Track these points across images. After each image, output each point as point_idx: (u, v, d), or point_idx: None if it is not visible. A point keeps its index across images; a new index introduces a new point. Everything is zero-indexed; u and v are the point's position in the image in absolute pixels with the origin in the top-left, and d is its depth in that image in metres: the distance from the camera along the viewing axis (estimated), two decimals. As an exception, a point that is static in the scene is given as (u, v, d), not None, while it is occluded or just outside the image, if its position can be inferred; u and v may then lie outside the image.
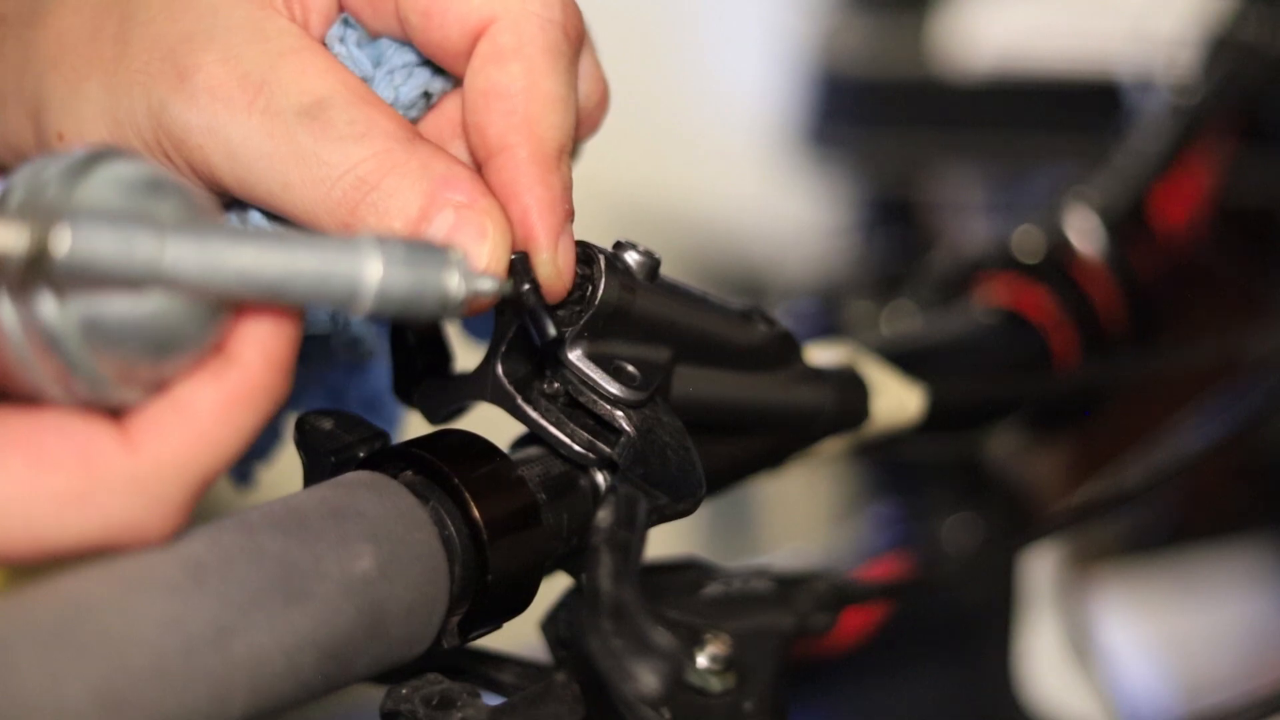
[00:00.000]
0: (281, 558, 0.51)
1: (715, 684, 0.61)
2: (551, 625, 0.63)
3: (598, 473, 0.60)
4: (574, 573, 0.62)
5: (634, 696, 0.50)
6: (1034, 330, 0.91)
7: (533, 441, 0.61)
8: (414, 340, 0.63)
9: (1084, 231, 0.96)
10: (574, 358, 0.59)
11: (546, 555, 0.59)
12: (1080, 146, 1.27)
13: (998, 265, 0.94)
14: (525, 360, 0.60)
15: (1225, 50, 1.05)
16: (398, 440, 0.60)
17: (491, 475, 0.57)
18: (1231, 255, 1.22)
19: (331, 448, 0.58)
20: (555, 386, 0.60)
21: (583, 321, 0.59)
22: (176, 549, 0.50)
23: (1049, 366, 0.91)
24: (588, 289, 0.59)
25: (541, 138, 0.57)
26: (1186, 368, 1.12)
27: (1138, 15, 1.28)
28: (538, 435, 0.60)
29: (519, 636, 0.64)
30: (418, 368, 0.63)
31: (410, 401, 0.64)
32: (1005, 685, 1.04)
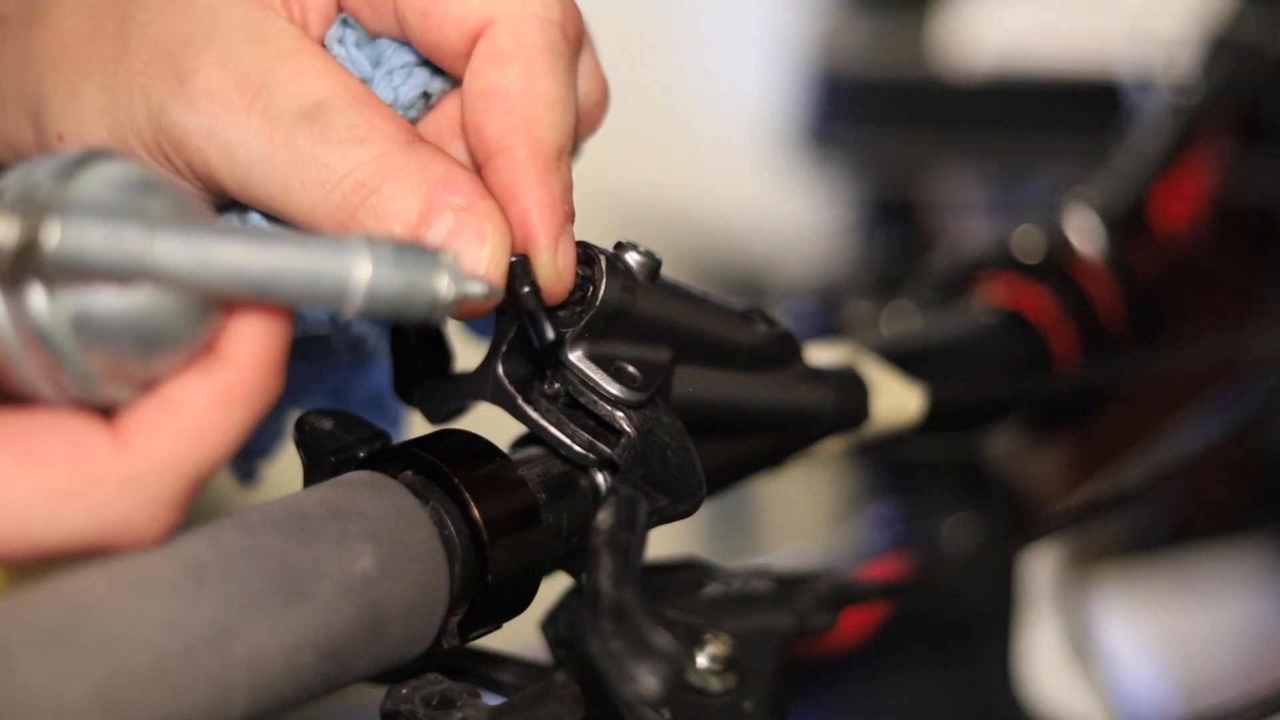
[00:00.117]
0: (281, 558, 0.51)
1: (715, 684, 0.61)
2: (551, 625, 0.63)
3: (598, 473, 0.60)
4: (574, 573, 0.62)
5: (633, 698, 0.50)
6: (1034, 330, 0.91)
7: (533, 442, 0.61)
8: (414, 340, 0.63)
9: (1084, 231, 0.96)
10: (574, 358, 0.59)
11: (546, 555, 0.59)
12: (1080, 146, 1.28)
13: (998, 265, 0.94)
14: (526, 360, 0.60)
15: (1225, 50, 1.05)
16: (399, 439, 0.60)
17: (492, 475, 0.57)
18: (1231, 255, 1.22)
19: (331, 448, 0.58)
20: (556, 387, 0.60)
21: (583, 322, 0.59)
22: (176, 549, 0.50)
23: (1049, 366, 0.91)
24: (588, 290, 0.59)
25: (541, 138, 0.57)
26: (1186, 368, 1.12)
27: (1138, 15, 1.28)
28: (538, 435, 0.60)
29: (519, 636, 0.64)
30: (418, 367, 0.63)
31: (410, 401, 0.64)
32: (1005, 685, 1.04)
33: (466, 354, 0.64)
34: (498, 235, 0.56)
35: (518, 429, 0.62)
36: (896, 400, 0.75)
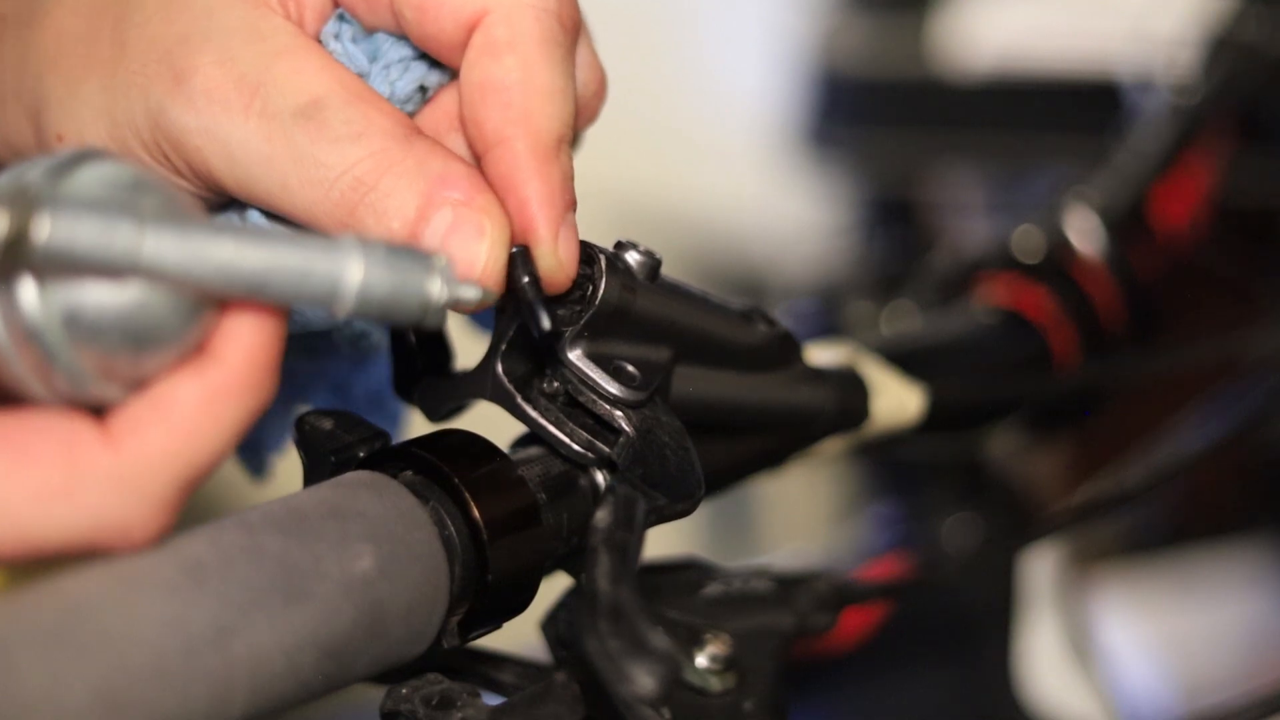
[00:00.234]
0: (281, 558, 0.51)
1: (715, 684, 0.61)
2: (551, 625, 0.63)
3: (597, 472, 0.60)
4: (574, 573, 0.62)
5: (631, 697, 0.50)
6: (1034, 330, 0.91)
7: (533, 441, 0.61)
8: (414, 338, 0.63)
9: (1084, 231, 0.96)
10: (574, 357, 0.59)
11: (546, 555, 0.59)
12: (1080, 146, 1.27)
13: (998, 265, 0.94)
14: (525, 359, 0.60)
15: (1225, 50, 1.05)
16: (400, 436, 0.60)
17: (491, 475, 0.57)
18: (1231, 255, 1.22)
19: (331, 447, 0.58)
20: (555, 386, 0.60)
21: (583, 321, 0.59)
22: (176, 549, 0.50)
23: (1049, 366, 0.91)
24: (588, 289, 0.59)
25: (539, 129, 0.57)
26: (1186, 368, 1.12)
27: (1138, 15, 1.28)
28: (537, 435, 0.60)
29: (519, 636, 0.64)
30: (418, 366, 0.63)
31: (410, 399, 0.64)
32: (1005, 685, 1.04)
33: (469, 347, 0.64)
34: (496, 230, 0.56)
35: (518, 428, 0.62)
36: (896, 400, 0.75)
